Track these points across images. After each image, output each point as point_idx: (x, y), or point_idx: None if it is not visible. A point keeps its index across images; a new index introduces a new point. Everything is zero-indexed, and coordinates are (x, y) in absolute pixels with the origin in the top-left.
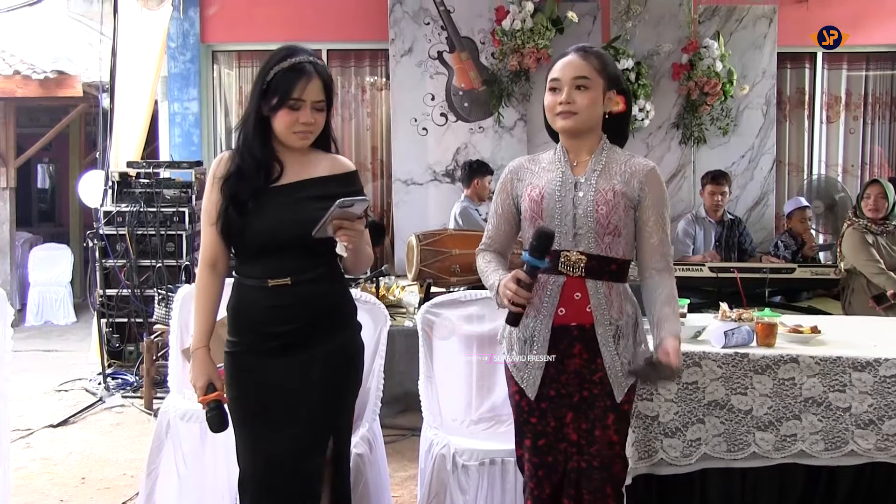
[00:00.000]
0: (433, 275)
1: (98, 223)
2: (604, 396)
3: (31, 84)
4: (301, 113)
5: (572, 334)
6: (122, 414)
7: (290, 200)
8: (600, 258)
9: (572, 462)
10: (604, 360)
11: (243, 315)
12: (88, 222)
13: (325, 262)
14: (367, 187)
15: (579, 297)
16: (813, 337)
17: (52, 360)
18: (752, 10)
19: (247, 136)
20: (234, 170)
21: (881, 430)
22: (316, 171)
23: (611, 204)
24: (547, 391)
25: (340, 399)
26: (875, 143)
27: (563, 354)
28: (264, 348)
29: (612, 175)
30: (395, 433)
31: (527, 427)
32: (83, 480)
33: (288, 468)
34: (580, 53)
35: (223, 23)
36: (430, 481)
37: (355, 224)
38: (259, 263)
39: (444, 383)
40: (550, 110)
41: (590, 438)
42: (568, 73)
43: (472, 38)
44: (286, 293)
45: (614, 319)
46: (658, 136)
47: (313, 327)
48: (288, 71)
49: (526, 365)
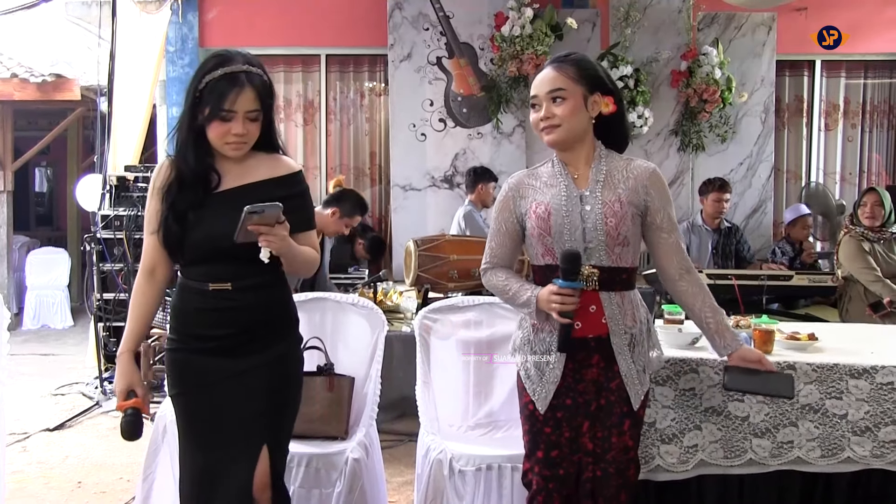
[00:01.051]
0: (431, 280)
1: (95, 227)
2: (620, 403)
3: (28, 87)
4: (233, 124)
5: (589, 346)
6: (118, 418)
7: (228, 207)
8: (611, 269)
9: (587, 472)
10: (620, 370)
11: (184, 315)
12: (86, 226)
13: (267, 269)
14: (365, 193)
15: (594, 309)
16: (810, 344)
17: (48, 363)
18: (751, 17)
19: (181, 145)
20: (173, 179)
21: (877, 437)
22: (255, 175)
23: (619, 215)
24: (563, 401)
25: (276, 412)
26: (873, 150)
27: (580, 365)
28: (202, 349)
29: (615, 184)
30: (392, 438)
31: (540, 437)
32: (79, 485)
33: (215, 474)
34: (554, 66)
35: (222, 27)
36: (426, 487)
37: (275, 230)
38: (201, 267)
39: (442, 389)
40: (535, 128)
41: (606, 446)
42: (543, 88)
43: (471, 43)
44: (226, 297)
45: (628, 328)
46: (657, 143)
47: (252, 334)
48: (219, 80)
49: (540, 378)
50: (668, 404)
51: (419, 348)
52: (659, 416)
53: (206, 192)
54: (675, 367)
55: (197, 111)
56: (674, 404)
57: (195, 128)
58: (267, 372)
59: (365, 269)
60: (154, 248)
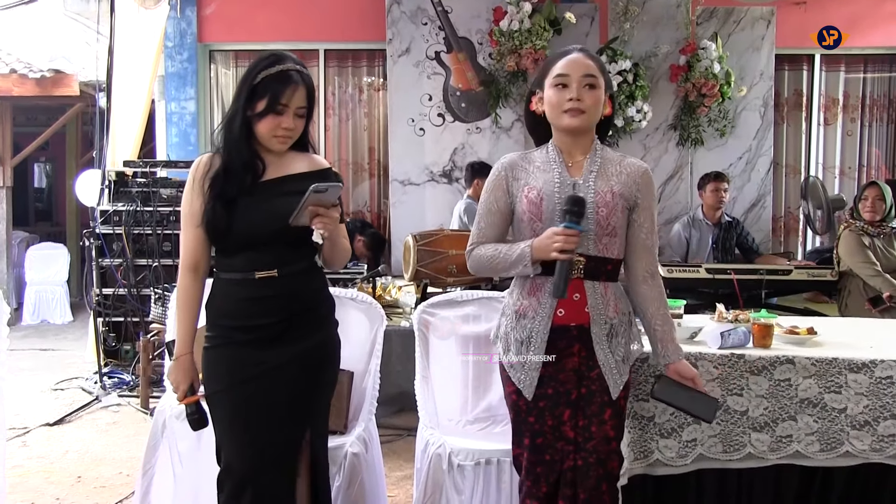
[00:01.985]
0: (430, 275)
1: (95, 222)
2: (601, 392)
3: (27, 83)
4: (284, 118)
5: (571, 334)
6: (118, 413)
7: (273, 195)
8: (598, 259)
9: (569, 461)
10: (598, 359)
11: (225, 309)
12: (85, 221)
13: (307, 256)
14: (363, 187)
15: (578, 297)
16: (809, 338)
17: (48, 358)
18: (750, 11)
19: (233, 136)
20: (220, 169)
21: (876, 431)
22: (295, 167)
23: (610, 206)
24: (545, 390)
25: (318, 394)
26: (872, 145)
27: (561, 354)
28: (244, 340)
29: (608, 176)
30: (391, 433)
31: (524, 426)
32: (79, 479)
33: (266, 461)
34: (585, 53)
35: (220, 22)
36: (425, 481)
37: (330, 212)
38: (244, 257)
39: (441, 383)
40: (557, 107)
41: (587, 435)
42: (578, 70)
43: (469, 38)
44: (273, 285)
45: (610, 318)
46: (655, 137)
47: (296, 320)
48: (276, 76)
49: (523, 366)
50: None
51: (418, 343)
52: (658, 411)
53: (253, 181)
54: None
55: (248, 105)
56: None
57: (246, 120)
58: (309, 359)
59: (364, 264)
60: (199, 242)
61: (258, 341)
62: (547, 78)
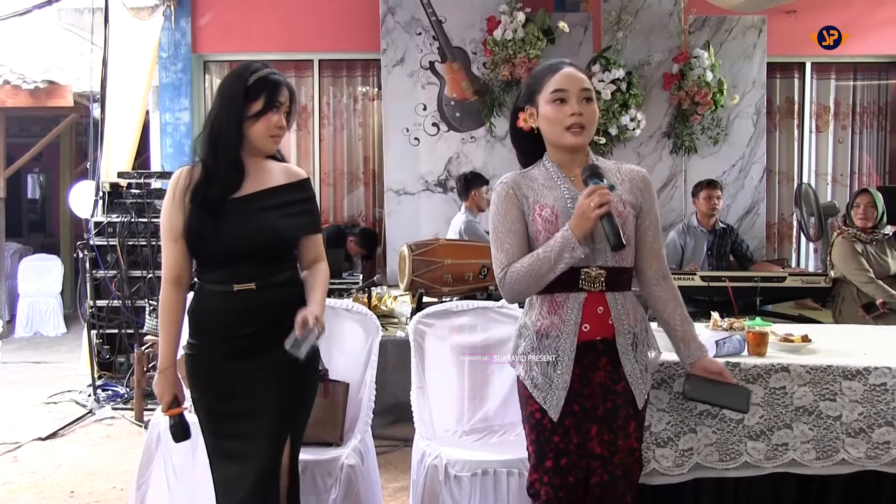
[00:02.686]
0: (425, 285)
1: (89, 234)
2: (626, 406)
3: (21, 94)
4: (279, 116)
5: (597, 349)
6: (112, 426)
7: (251, 211)
8: (616, 270)
9: (595, 477)
10: (625, 370)
11: (206, 319)
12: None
13: (285, 269)
14: (358, 197)
15: (601, 310)
16: (804, 346)
17: (41, 371)
18: (741, 20)
19: (227, 142)
20: (201, 179)
21: (871, 439)
22: (273, 179)
23: (623, 215)
24: (571, 407)
25: (298, 401)
26: (864, 152)
27: (587, 369)
28: (224, 350)
29: (614, 185)
30: (387, 444)
31: (549, 446)
32: (72, 494)
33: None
34: (576, 68)
35: (215, 33)
36: (422, 492)
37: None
38: (224, 269)
39: (437, 394)
40: (558, 123)
41: (613, 448)
42: (575, 84)
43: (463, 48)
44: (250, 297)
45: (631, 327)
46: (649, 145)
47: (274, 330)
48: (266, 77)
49: (549, 385)
50: (663, 407)
51: (414, 353)
52: (654, 420)
53: (232, 191)
54: (670, 370)
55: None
56: (669, 408)
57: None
58: (287, 367)
59: (359, 274)
60: (178, 255)
61: (237, 352)
62: (541, 94)
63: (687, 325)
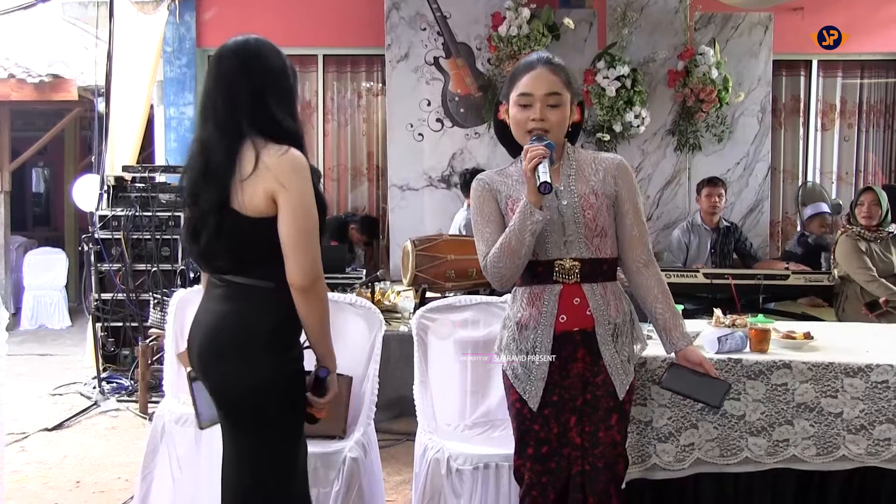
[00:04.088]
0: (428, 280)
1: (93, 227)
2: (607, 398)
3: (26, 88)
4: None
5: (575, 339)
6: (117, 418)
7: None
8: (592, 261)
9: (576, 466)
10: (604, 360)
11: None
12: (83, 226)
13: None
14: (362, 193)
15: (578, 301)
16: (806, 343)
17: (47, 364)
18: (747, 17)
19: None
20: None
21: (872, 435)
22: None
23: (595, 206)
24: (550, 397)
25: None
26: (869, 150)
27: (565, 360)
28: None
29: (587, 177)
30: (389, 438)
31: (529, 435)
32: (78, 484)
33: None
34: (548, 67)
35: (219, 27)
36: (424, 486)
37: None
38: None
39: (439, 388)
40: (520, 126)
41: (594, 440)
42: (540, 88)
43: (468, 43)
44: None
45: (612, 318)
46: (653, 142)
47: None
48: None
49: (528, 376)
50: (665, 403)
51: (417, 348)
52: (655, 415)
53: None
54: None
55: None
56: (670, 403)
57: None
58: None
59: (362, 269)
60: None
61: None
62: (511, 93)
63: (669, 313)
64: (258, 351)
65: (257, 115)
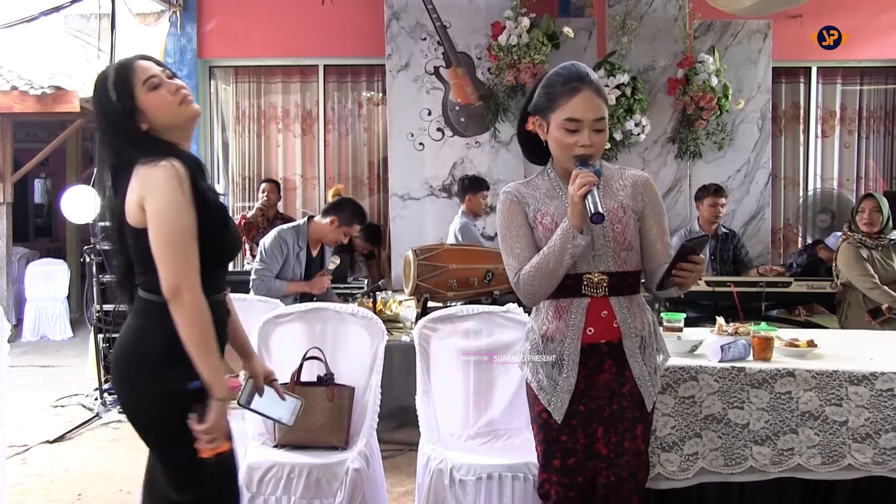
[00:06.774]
0: (430, 289)
1: (95, 238)
2: (632, 408)
3: (28, 99)
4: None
5: (602, 351)
6: (118, 430)
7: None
8: (619, 274)
9: (601, 478)
10: (632, 372)
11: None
12: (85, 238)
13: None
14: (363, 202)
15: (605, 314)
16: (809, 351)
17: (48, 375)
18: (746, 25)
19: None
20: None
21: (878, 444)
22: None
23: (623, 221)
24: (576, 407)
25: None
26: (870, 157)
27: (592, 371)
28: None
29: (615, 192)
30: (392, 448)
31: (556, 446)
32: (79, 497)
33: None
34: (594, 89)
35: (220, 39)
36: (427, 496)
37: None
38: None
39: (442, 398)
40: (566, 149)
41: (619, 451)
42: (590, 114)
43: (468, 53)
44: (222, 310)
45: (638, 330)
46: (654, 150)
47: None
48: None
49: (554, 388)
50: (668, 412)
51: (419, 357)
52: (659, 424)
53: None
54: (675, 374)
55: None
56: (674, 412)
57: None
58: None
59: (364, 279)
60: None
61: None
62: (554, 113)
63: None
64: (139, 368)
65: (119, 141)
